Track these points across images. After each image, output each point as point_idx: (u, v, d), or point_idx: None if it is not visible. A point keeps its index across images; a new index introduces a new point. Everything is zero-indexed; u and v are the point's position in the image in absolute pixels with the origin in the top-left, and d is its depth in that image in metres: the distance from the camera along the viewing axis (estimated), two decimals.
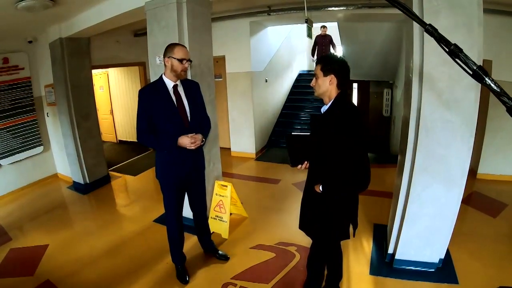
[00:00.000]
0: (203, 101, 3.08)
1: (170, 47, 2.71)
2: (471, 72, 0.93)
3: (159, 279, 3.20)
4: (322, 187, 2.20)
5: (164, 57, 2.72)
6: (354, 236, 2.44)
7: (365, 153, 2.13)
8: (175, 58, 2.65)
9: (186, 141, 2.69)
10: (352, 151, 2.05)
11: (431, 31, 1.00)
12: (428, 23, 1.00)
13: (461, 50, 0.94)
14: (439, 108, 2.62)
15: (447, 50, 0.97)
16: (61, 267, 3.47)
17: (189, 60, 2.75)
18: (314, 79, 2.25)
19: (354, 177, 2.09)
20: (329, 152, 2.11)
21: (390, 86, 10.54)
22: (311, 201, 2.38)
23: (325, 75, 2.17)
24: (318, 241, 2.51)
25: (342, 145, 2.03)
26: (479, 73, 0.92)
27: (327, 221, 2.29)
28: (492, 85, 0.91)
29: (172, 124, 2.74)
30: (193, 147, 2.72)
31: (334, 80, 2.16)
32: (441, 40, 0.98)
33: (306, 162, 2.25)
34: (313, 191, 2.28)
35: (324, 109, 2.24)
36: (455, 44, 0.95)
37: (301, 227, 2.51)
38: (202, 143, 2.85)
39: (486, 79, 0.91)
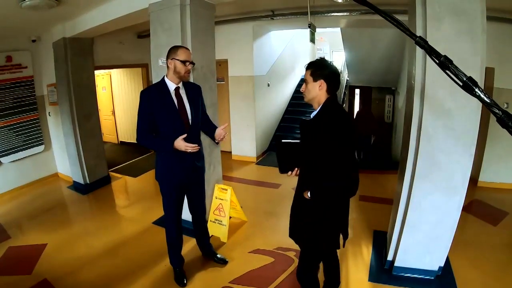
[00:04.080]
0: (204, 104, 3.09)
1: (173, 49, 2.71)
2: (461, 84, 0.93)
3: (157, 281, 3.19)
4: (310, 193, 2.14)
5: (167, 59, 2.72)
6: (343, 246, 2.36)
7: (353, 158, 2.09)
8: (178, 60, 2.65)
9: (182, 145, 2.67)
10: (339, 156, 2.00)
11: (422, 43, 0.99)
12: (418, 35, 1.00)
13: (451, 62, 0.94)
14: (441, 115, 2.61)
15: (437, 62, 0.96)
16: (59, 267, 3.46)
17: (192, 63, 2.76)
18: (304, 84, 2.21)
19: (341, 182, 2.04)
20: (317, 158, 2.06)
21: (392, 93, 10.56)
22: (300, 208, 2.32)
23: (315, 80, 2.13)
24: (307, 250, 2.43)
25: (330, 150, 1.99)
26: (469, 84, 0.91)
27: (316, 229, 2.22)
28: (482, 95, 0.91)
29: (173, 126, 2.74)
30: (189, 150, 2.71)
31: (324, 86, 2.12)
32: (431, 52, 0.97)
33: (296, 168, 2.23)
34: (302, 198, 2.22)
35: (313, 114, 2.21)
36: (445, 56, 0.95)
37: (291, 235, 2.44)
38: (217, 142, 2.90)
39: (476, 90, 0.91)
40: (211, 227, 3.86)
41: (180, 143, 2.66)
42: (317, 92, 2.13)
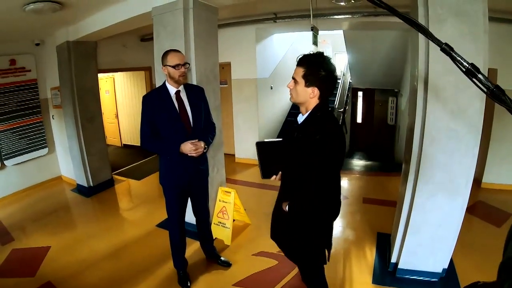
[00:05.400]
0: (208, 106, 3.08)
1: (164, 56, 2.71)
2: (487, 91, 0.93)
3: (161, 284, 3.19)
4: (288, 207, 1.98)
5: (162, 66, 2.73)
6: (328, 260, 2.10)
7: (335, 178, 1.89)
8: (169, 66, 2.66)
9: (188, 148, 2.69)
10: (322, 173, 1.81)
11: (448, 50, 0.99)
12: (444, 42, 0.99)
13: (478, 70, 0.93)
14: (444, 117, 2.61)
15: (463, 70, 0.96)
16: (63, 269, 3.47)
17: (186, 64, 2.73)
18: (292, 81, 1.90)
19: (320, 201, 1.86)
20: (299, 170, 1.87)
21: (395, 95, 10.54)
22: (279, 217, 2.19)
23: (307, 85, 1.83)
24: (300, 264, 2.31)
25: (313, 164, 1.79)
26: (496, 92, 0.92)
27: (295, 244, 2.08)
28: (509, 102, 0.91)
29: (174, 130, 2.74)
30: (194, 154, 2.72)
31: (317, 93, 1.84)
32: (457, 59, 0.97)
33: (280, 172, 2.04)
34: (281, 208, 2.06)
35: (300, 120, 1.96)
36: (472, 64, 0.94)
37: (272, 237, 2.32)
38: (204, 150, 2.85)
39: (503, 97, 0.91)
40: (215, 230, 3.86)
41: (187, 146, 2.68)
42: (307, 99, 1.87)
